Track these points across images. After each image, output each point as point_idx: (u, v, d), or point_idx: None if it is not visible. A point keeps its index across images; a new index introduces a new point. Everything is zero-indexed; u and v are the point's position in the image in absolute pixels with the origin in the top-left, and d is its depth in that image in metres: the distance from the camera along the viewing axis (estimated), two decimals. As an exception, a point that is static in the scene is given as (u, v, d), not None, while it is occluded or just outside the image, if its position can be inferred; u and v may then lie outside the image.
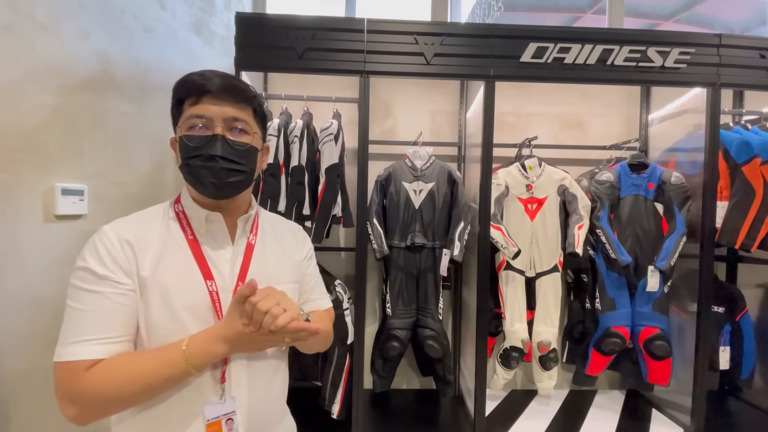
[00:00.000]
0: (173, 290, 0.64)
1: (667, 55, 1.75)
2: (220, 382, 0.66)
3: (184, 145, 0.66)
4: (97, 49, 1.32)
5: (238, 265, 0.71)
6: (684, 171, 1.89)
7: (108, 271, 0.61)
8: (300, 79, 1.98)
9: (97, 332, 0.59)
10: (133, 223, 0.68)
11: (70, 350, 0.59)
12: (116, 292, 0.61)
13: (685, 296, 1.88)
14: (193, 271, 0.67)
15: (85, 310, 0.60)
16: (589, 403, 2.07)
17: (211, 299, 0.66)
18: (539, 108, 2.22)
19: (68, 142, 1.23)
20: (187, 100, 0.67)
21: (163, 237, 0.68)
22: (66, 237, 1.23)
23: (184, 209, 0.72)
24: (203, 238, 0.70)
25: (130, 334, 0.63)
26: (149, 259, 0.64)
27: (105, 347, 0.60)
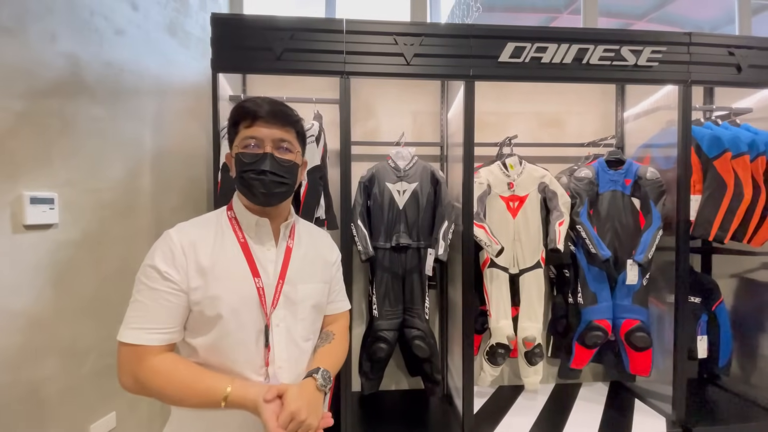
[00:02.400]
0: (228, 285, 0.76)
1: (639, 53, 1.80)
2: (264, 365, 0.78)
3: (240, 160, 0.78)
4: (66, 52, 1.27)
5: (280, 264, 0.83)
6: (659, 166, 1.95)
7: (168, 273, 0.73)
8: (279, 80, 1.96)
9: (155, 323, 0.72)
10: (192, 227, 0.80)
11: (134, 335, 0.71)
12: (172, 291, 0.73)
13: (662, 288, 1.93)
14: (244, 268, 0.79)
15: (147, 303, 0.72)
16: (575, 395, 2.11)
17: (258, 294, 0.78)
18: (519, 107, 2.25)
19: (37, 149, 1.19)
20: (242, 123, 0.79)
21: (219, 239, 0.80)
22: (37, 247, 1.18)
23: (236, 215, 0.83)
24: (251, 241, 0.82)
25: (180, 325, 0.75)
26: (206, 257, 0.76)
27: (161, 336, 0.72)
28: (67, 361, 1.27)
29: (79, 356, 1.31)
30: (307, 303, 0.85)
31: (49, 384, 1.21)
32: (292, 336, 0.81)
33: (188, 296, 0.74)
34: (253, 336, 0.77)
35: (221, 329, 0.75)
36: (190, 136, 1.87)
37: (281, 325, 0.80)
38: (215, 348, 0.75)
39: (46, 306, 1.21)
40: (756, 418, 1.91)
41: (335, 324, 0.95)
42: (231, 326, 0.75)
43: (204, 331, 0.75)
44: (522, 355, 1.94)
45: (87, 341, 1.33)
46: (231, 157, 0.82)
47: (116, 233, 1.43)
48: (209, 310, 0.74)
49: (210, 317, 0.74)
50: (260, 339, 0.78)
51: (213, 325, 0.75)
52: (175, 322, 0.74)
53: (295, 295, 0.83)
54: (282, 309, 0.81)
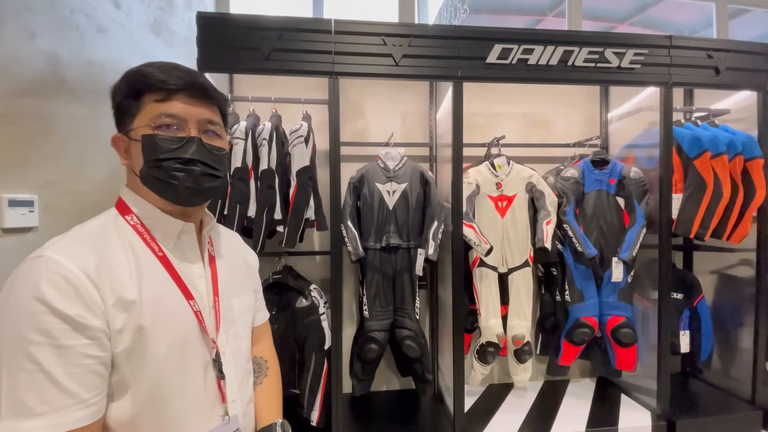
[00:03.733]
0: (159, 317, 0.57)
1: (623, 56, 1.84)
2: (221, 401, 0.63)
3: (152, 144, 0.58)
4: (45, 50, 1.23)
5: (209, 278, 0.67)
6: (642, 166, 1.99)
7: (80, 316, 0.50)
8: (267, 80, 1.94)
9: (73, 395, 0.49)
10: (88, 246, 0.55)
11: (44, 423, 0.47)
12: (92, 342, 0.51)
13: (646, 285, 1.97)
14: (174, 292, 0.61)
15: (52, 370, 0.48)
16: (563, 392, 2.14)
17: (197, 319, 0.62)
18: (506, 108, 2.28)
19: (15, 150, 1.15)
20: (150, 95, 0.60)
21: (131, 257, 0.59)
22: (15, 252, 1.14)
23: (143, 220, 0.62)
24: (171, 254, 0.63)
25: (105, 390, 0.53)
26: (128, 285, 0.56)
27: (86, 411, 0.50)
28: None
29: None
30: (245, 318, 0.73)
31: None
32: (238, 360, 0.69)
33: (111, 344, 0.53)
34: (200, 372, 0.61)
35: (157, 378, 0.56)
36: (175, 136, 1.84)
37: (227, 351, 0.66)
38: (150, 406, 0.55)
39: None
40: (736, 409, 1.97)
41: (262, 343, 0.82)
42: (169, 369, 0.57)
43: (129, 390, 0.55)
44: (511, 353, 1.96)
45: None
46: (126, 139, 0.61)
47: (99, 236, 1.40)
48: (137, 358, 0.54)
49: (137, 366, 0.54)
50: (209, 373, 0.63)
51: (144, 376, 0.55)
52: (102, 386, 0.52)
53: (233, 313, 0.70)
54: (224, 332, 0.67)
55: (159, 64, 0.62)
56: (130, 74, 0.61)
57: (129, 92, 0.60)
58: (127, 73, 0.62)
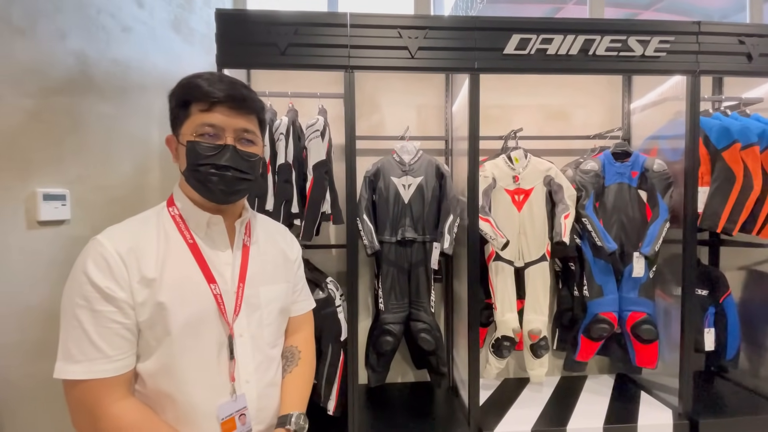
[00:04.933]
0: (178, 295, 0.66)
1: (647, 44, 1.77)
2: (230, 380, 0.69)
3: (194, 150, 0.67)
4: (75, 50, 1.29)
5: (238, 267, 0.73)
6: (666, 158, 1.93)
7: (110, 288, 0.61)
8: (284, 75, 1.96)
9: (103, 351, 0.61)
10: (128, 232, 0.67)
11: (82, 369, 0.60)
12: (118, 310, 0.62)
13: (669, 280, 1.92)
14: (197, 275, 0.68)
15: (89, 329, 0.60)
16: (580, 388, 2.12)
17: (216, 302, 0.69)
18: (523, 100, 2.24)
19: (48, 146, 1.21)
20: (195, 105, 0.68)
21: (163, 242, 0.68)
22: (50, 243, 1.21)
23: (181, 212, 0.72)
24: (202, 242, 0.71)
25: (132, 350, 0.65)
26: (152, 265, 0.65)
27: (113, 365, 0.62)
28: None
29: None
30: (272, 307, 0.77)
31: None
32: (258, 345, 0.73)
33: (136, 313, 0.63)
34: (214, 351, 0.68)
35: (174, 348, 0.64)
36: (196, 132, 1.89)
37: (245, 335, 0.72)
38: (167, 371, 0.65)
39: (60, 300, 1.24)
40: (764, 410, 1.90)
41: (300, 333, 0.87)
42: (186, 343, 0.65)
43: (153, 354, 0.65)
44: (527, 348, 1.95)
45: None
46: (176, 141, 0.71)
47: (126, 229, 1.46)
48: (159, 327, 0.64)
49: (160, 335, 0.64)
50: (222, 353, 0.69)
51: (164, 344, 0.64)
52: (127, 347, 0.63)
53: (258, 300, 0.75)
54: (245, 317, 0.72)
55: (207, 75, 0.70)
56: (183, 84, 0.70)
57: (180, 101, 0.70)
58: (181, 83, 0.71)
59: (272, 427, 0.77)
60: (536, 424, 1.79)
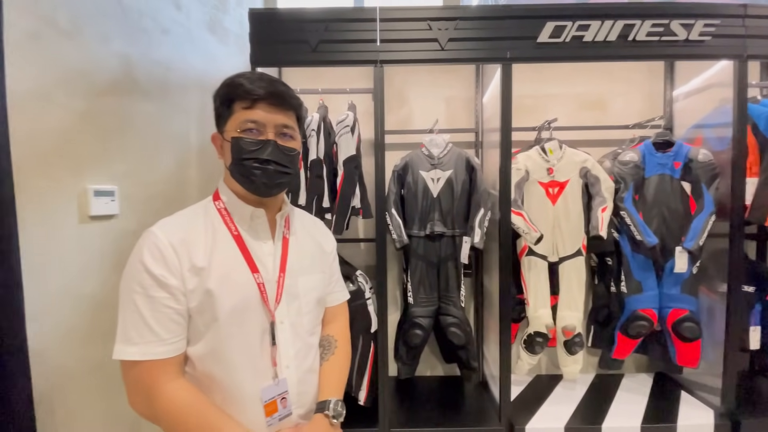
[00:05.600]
0: (225, 283, 0.69)
1: (691, 27, 1.68)
2: (272, 365, 0.72)
3: (238, 146, 0.71)
4: (119, 52, 1.35)
5: (279, 258, 0.77)
6: (711, 148, 1.83)
7: (164, 276, 0.66)
8: (314, 72, 1.99)
9: (158, 335, 0.65)
10: (178, 224, 0.72)
11: (139, 351, 0.64)
12: (170, 296, 0.66)
13: (714, 276, 1.83)
14: (241, 264, 0.72)
15: (145, 313, 0.65)
16: (616, 386, 2.06)
17: (259, 290, 0.72)
18: (558, 89, 2.17)
19: (97, 145, 1.27)
20: (238, 102, 0.72)
21: (210, 234, 0.72)
22: (100, 236, 1.28)
23: (226, 206, 0.76)
24: (246, 233, 0.75)
25: (184, 333, 0.69)
26: (201, 255, 0.69)
27: (167, 348, 0.66)
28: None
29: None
30: (310, 296, 0.80)
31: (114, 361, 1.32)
32: (297, 332, 0.77)
33: (187, 300, 0.67)
34: (258, 337, 0.72)
35: (221, 333, 0.68)
36: (230, 129, 1.94)
37: (285, 322, 0.75)
38: (215, 355, 0.69)
39: (110, 290, 1.30)
40: (815, 413, 1.80)
41: (335, 323, 0.90)
42: (232, 329, 0.69)
43: (202, 338, 0.69)
44: (561, 345, 1.91)
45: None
46: (220, 138, 0.75)
47: (168, 223, 1.53)
48: (208, 313, 0.68)
49: (208, 321, 0.68)
50: (265, 339, 0.72)
51: (212, 330, 0.68)
52: (179, 331, 0.67)
53: (297, 289, 0.78)
54: (285, 305, 0.75)
55: (248, 74, 0.74)
56: (226, 83, 0.74)
57: (224, 99, 0.73)
58: (224, 82, 0.74)
59: (311, 411, 0.79)
60: (570, 421, 1.76)
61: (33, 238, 1.07)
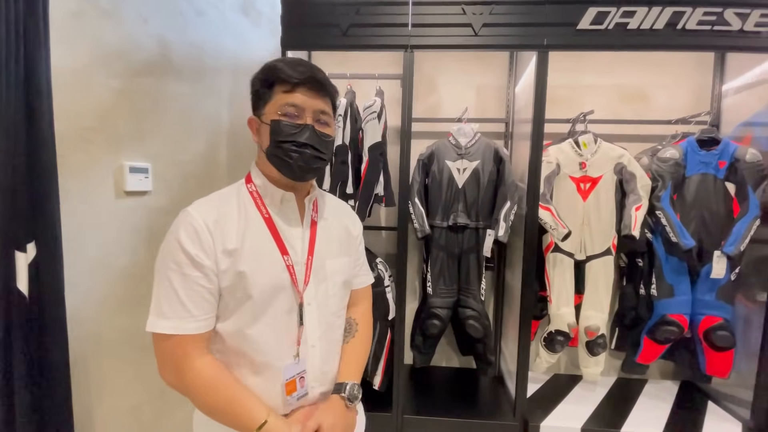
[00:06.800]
0: (255, 264, 0.71)
1: (746, 17, 1.55)
2: (296, 344, 0.75)
3: (277, 128, 0.72)
4: (156, 33, 1.38)
5: (307, 241, 0.78)
6: (761, 147, 1.70)
7: (198, 256, 0.68)
8: (343, 56, 1.97)
9: (190, 311, 0.68)
10: (213, 206, 0.74)
11: (171, 325, 0.67)
12: (203, 276, 0.68)
13: (754, 284, 1.73)
14: (272, 246, 0.74)
15: (179, 290, 0.68)
16: (639, 391, 1.99)
17: (289, 272, 0.74)
18: (596, 79, 2.07)
19: (134, 123, 1.31)
20: (278, 86, 0.72)
21: (243, 216, 0.74)
22: (134, 211, 1.33)
23: (258, 189, 0.77)
24: (276, 216, 0.77)
25: (214, 311, 0.71)
26: (234, 236, 0.71)
27: (198, 324, 0.69)
28: (159, 313, 1.44)
29: (168, 310, 1.48)
30: (336, 279, 0.81)
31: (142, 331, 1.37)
32: (323, 313, 0.78)
33: (219, 279, 0.69)
34: (285, 317, 0.74)
35: (251, 312, 0.71)
36: (259, 112, 1.97)
37: (313, 303, 0.77)
38: (243, 332, 0.71)
39: (142, 264, 1.37)
40: None
41: (359, 306, 0.91)
42: (261, 308, 0.71)
43: (232, 315, 0.71)
44: (583, 345, 1.86)
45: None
46: (257, 122, 0.76)
47: (197, 202, 1.57)
48: (239, 293, 0.70)
49: (239, 300, 0.70)
50: (292, 319, 0.74)
51: (242, 308, 0.71)
52: (209, 308, 0.70)
53: (324, 272, 0.79)
54: (313, 287, 0.77)
55: (289, 60, 0.74)
56: (266, 68, 0.74)
57: (264, 83, 0.74)
58: (264, 67, 0.75)
59: (331, 390, 0.82)
60: (587, 422, 1.72)
61: (73, 209, 1.12)
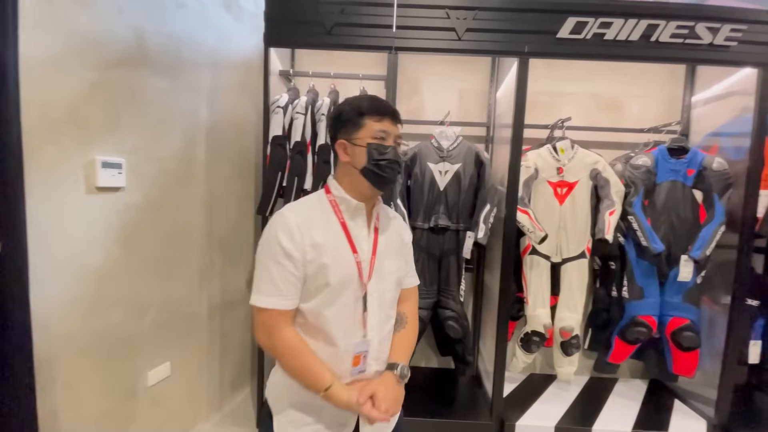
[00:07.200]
0: (333, 259, 0.86)
1: (717, 31, 1.63)
2: (362, 327, 0.91)
3: (375, 150, 0.88)
4: (133, 24, 1.33)
5: (372, 243, 0.94)
6: (727, 157, 1.79)
7: (291, 250, 0.84)
8: (327, 55, 1.96)
9: (282, 292, 0.85)
10: (302, 209, 0.90)
11: (268, 301, 0.85)
12: (294, 265, 0.84)
13: (718, 288, 1.81)
14: (346, 246, 0.89)
15: (275, 275, 0.84)
16: (610, 390, 2.06)
17: (357, 268, 0.89)
18: (574, 87, 2.13)
19: (107, 117, 1.27)
20: (368, 116, 0.88)
21: (325, 219, 0.90)
22: (107, 208, 1.28)
23: (336, 198, 0.93)
24: (350, 222, 0.92)
25: (299, 293, 0.87)
26: (318, 235, 0.86)
27: (287, 302, 0.85)
28: (131, 313, 1.40)
29: (141, 309, 1.44)
30: (392, 277, 0.96)
31: (113, 332, 1.34)
32: (381, 304, 0.93)
33: (305, 269, 0.85)
34: (353, 303, 0.89)
35: (328, 296, 0.86)
36: (240, 109, 1.93)
37: (374, 295, 0.92)
38: (321, 312, 0.87)
39: (114, 262, 1.32)
40: (809, 430, 1.79)
41: (408, 303, 1.06)
42: (336, 294, 0.87)
43: (313, 298, 0.87)
44: (557, 345, 1.91)
45: (148, 296, 1.46)
46: (348, 144, 0.90)
47: (175, 200, 1.53)
48: (320, 280, 0.86)
49: (319, 286, 0.86)
50: (358, 306, 0.90)
51: (322, 292, 0.86)
52: (297, 291, 0.86)
53: (383, 270, 0.94)
54: (375, 281, 0.92)
55: (367, 96, 0.93)
56: (354, 103, 0.90)
57: (354, 114, 0.89)
58: (351, 103, 0.91)
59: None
60: (561, 421, 1.77)
61: (40, 204, 1.08)
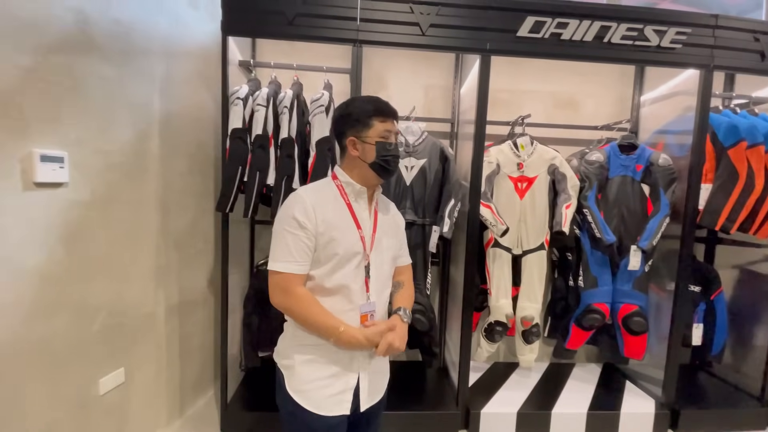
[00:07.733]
0: (341, 233, 1.01)
1: (663, 34, 1.73)
2: (366, 291, 1.06)
3: (383, 147, 1.03)
4: (74, 6, 1.24)
5: (372, 222, 1.09)
6: (672, 153, 1.92)
7: (305, 223, 0.98)
8: (290, 46, 1.91)
9: (296, 258, 0.98)
10: (315, 191, 1.04)
11: (284, 266, 0.98)
12: (307, 236, 0.98)
13: (664, 275, 1.94)
14: (351, 223, 1.04)
15: (290, 244, 0.98)
16: (567, 375, 2.17)
17: (361, 241, 1.04)
18: (534, 85, 2.20)
19: (46, 106, 1.18)
20: (376, 117, 1.03)
21: (333, 200, 1.05)
22: (48, 205, 1.19)
23: (342, 184, 1.07)
24: (354, 203, 1.07)
25: (310, 261, 1.01)
26: (329, 213, 1.01)
27: (300, 267, 0.99)
28: (78, 318, 1.31)
29: (90, 314, 1.35)
30: (389, 253, 1.12)
31: (60, 338, 1.25)
32: (379, 275, 1.08)
33: (316, 240, 0.99)
34: (357, 270, 1.04)
35: (337, 263, 1.01)
36: (197, 100, 1.84)
37: (374, 265, 1.07)
38: (330, 276, 1.01)
39: (58, 264, 1.23)
40: (743, 404, 1.96)
41: (403, 275, 1.22)
42: (344, 262, 1.01)
43: (324, 265, 1.01)
44: (519, 334, 1.98)
45: (97, 300, 1.37)
46: (359, 141, 1.04)
47: (125, 195, 1.44)
48: (330, 250, 1.00)
49: (329, 256, 1.00)
50: (361, 272, 1.04)
51: (331, 261, 1.00)
52: (308, 258, 1.00)
53: (381, 246, 1.09)
54: (375, 254, 1.07)
55: (374, 98, 1.05)
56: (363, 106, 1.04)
57: (365, 115, 1.03)
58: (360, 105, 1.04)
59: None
60: (523, 406, 1.84)
61: (-33, 202, 0.98)
